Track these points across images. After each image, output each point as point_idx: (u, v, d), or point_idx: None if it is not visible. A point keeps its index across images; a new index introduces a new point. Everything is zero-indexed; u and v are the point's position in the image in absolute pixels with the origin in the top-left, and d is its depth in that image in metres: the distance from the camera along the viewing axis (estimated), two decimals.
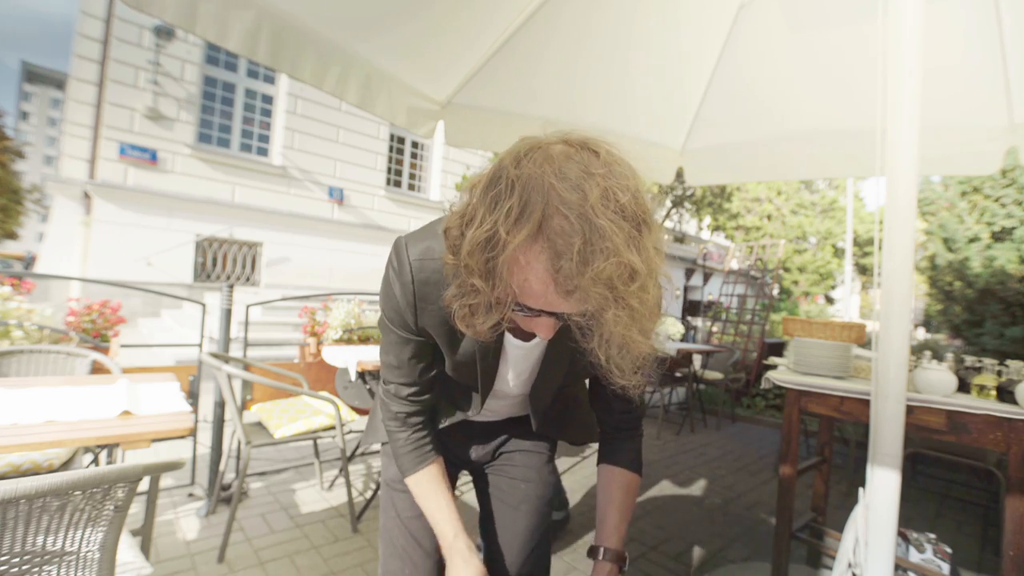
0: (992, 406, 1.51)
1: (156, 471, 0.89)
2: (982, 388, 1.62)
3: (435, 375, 0.87)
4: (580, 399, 1.06)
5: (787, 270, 12.31)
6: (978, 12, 1.63)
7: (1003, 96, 1.84)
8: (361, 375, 2.54)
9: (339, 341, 3.44)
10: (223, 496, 2.35)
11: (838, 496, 2.98)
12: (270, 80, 8.61)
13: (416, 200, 10.26)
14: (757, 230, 12.85)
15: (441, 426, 0.95)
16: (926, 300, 5.61)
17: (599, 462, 0.98)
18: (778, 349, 5.13)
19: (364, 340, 3.50)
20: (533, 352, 0.85)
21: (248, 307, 3.14)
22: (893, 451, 0.88)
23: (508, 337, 0.82)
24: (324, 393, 2.25)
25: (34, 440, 1.05)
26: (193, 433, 2.54)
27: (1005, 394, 1.58)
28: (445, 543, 0.83)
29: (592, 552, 0.88)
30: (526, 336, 0.81)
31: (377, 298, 1.27)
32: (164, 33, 7.21)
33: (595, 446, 1.18)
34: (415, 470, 0.86)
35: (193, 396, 2.43)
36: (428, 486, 0.86)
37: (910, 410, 1.55)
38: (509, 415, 1.02)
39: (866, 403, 1.57)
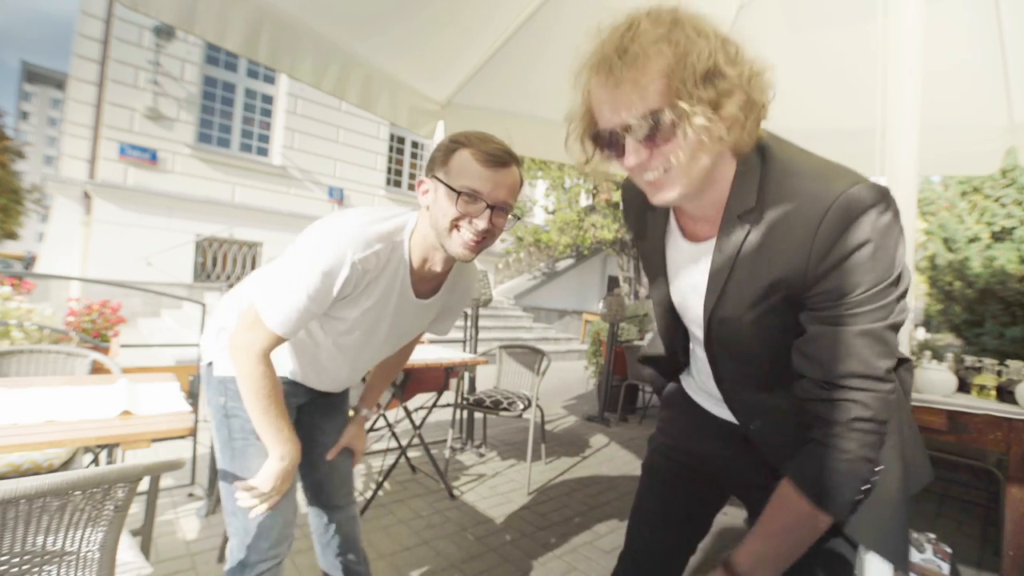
0: (992, 406, 1.52)
1: (156, 471, 0.89)
2: (982, 388, 1.62)
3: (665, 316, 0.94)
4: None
5: None
6: (978, 12, 1.64)
7: (1003, 96, 1.84)
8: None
9: None
10: None
11: None
12: (270, 80, 8.62)
13: (416, 200, 10.30)
14: None
15: (648, 354, 1.04)
16: (926, 300, 5.60)
17: None
18: None
19: None
20: (699, 260, 0.75)
21: None
22: None
23: (672, 237, 0.81)
24: None
25: (34, 440, 1.05)
26: (193, 433, 2.54)
27: (1005, 394, 1.58)
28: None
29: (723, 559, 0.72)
30: (691, 235, 0.78)
31: None
32: (164, 33, 7.21)
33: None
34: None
35: (193, 396, 2.43)
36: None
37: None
38: (717, 393, 0.85)
39: None
